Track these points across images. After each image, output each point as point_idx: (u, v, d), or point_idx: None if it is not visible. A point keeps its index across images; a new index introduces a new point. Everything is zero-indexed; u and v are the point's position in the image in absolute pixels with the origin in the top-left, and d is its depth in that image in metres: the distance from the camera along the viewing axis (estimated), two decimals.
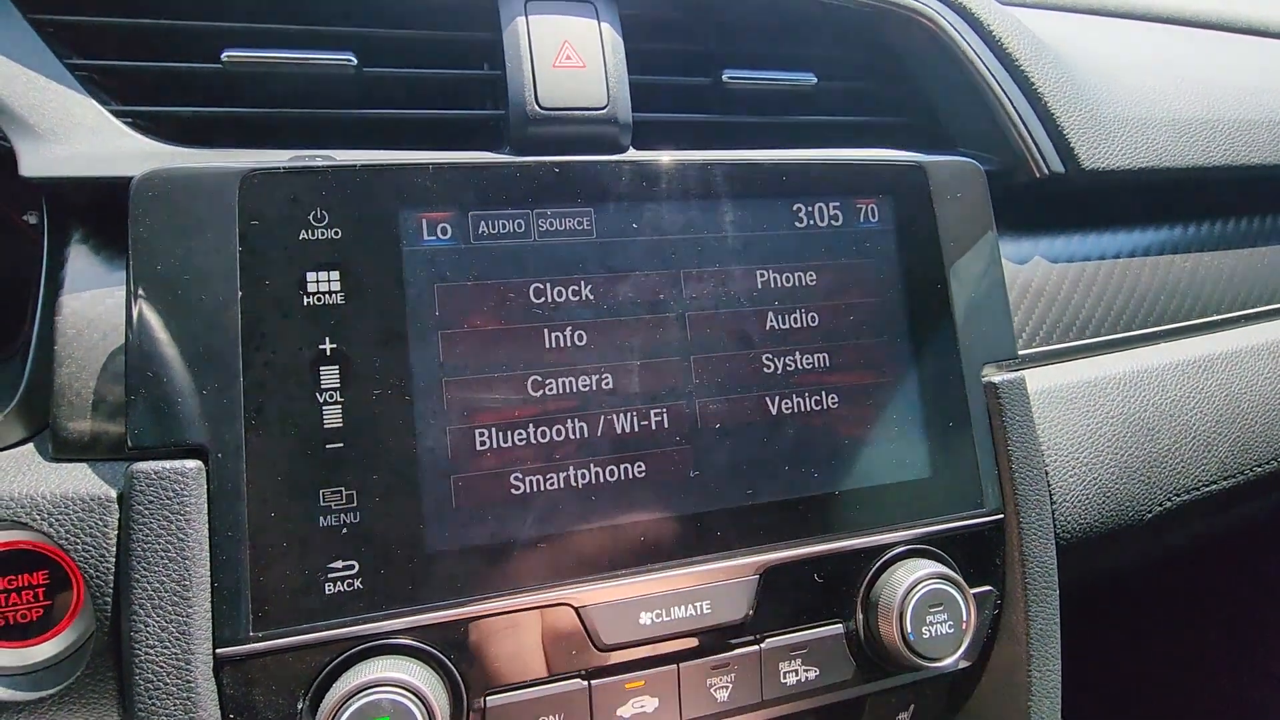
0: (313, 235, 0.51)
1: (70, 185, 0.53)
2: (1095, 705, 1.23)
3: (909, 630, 0.57)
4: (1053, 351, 0.74)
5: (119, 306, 0.54)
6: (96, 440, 0.52)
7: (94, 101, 0.56)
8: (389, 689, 0.46)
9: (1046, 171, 0.73)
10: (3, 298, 0.65)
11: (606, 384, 0.55)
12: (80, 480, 0.49)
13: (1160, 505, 0.72)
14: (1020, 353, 0.69)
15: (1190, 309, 0.80)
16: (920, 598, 0.57)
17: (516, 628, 0.51)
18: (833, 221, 0.62)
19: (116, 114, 0.56)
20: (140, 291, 0.48)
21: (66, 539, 0.48)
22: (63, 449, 0.51)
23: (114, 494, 0.49)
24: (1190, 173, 0.79)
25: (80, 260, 0.55)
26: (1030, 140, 0.72)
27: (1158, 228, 0.82)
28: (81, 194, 0.54)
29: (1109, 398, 0.71)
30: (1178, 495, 0.72)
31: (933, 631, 0.57)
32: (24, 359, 0.55)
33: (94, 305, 0.53)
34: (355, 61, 0.61)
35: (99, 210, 0.55)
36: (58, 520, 0.48)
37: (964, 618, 0.58)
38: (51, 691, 0.49)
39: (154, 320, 0.48)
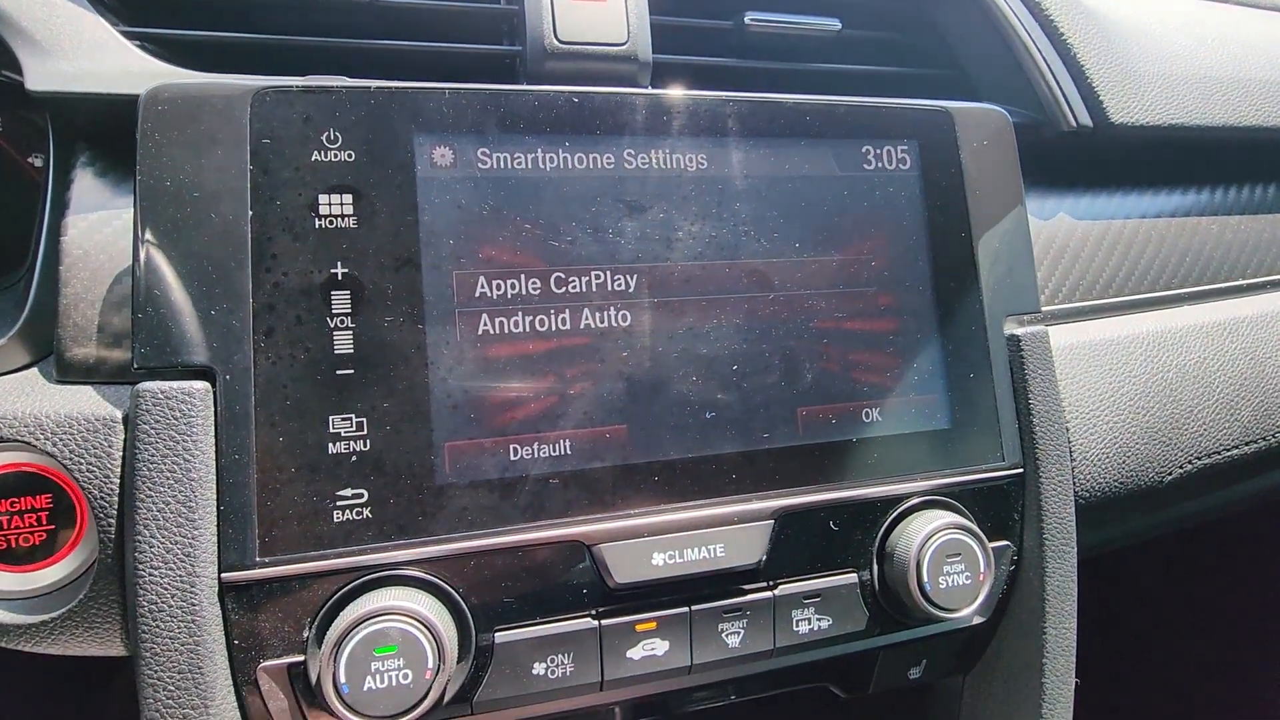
0: (325, 157, 0.50)
1: (76, 102, 0.52)
2: (1108, 679, 1.23)
3: (925, 580, 0.56)
4: (1075, 309, 0.72)
5: (125, 229, 0.52)
6: (101, 364, 0.51)
7: (103, 20, 0.54)
8: (397, 618, 0.45)
9: (1074, 125, 0.71)
10: (11, 229, 0.64)
11: (623, 320, 0.54)
12: (85, 401, 0.48)
13: (1180, 468, 0.70)
14: (1042, 309, 0.67)
15: (1215, 272, 0.79)
16: (937, 547, 0.56)
17: (527, 563, 0.50)
18: (856, 164, 0.61)
19: (126, 35, 0.55)
20: (148, 208, 0.47)
21: (70, 459, 0.47)
22: (67, 372, 0.50)
23: (119, 415, 0.47)
24: (1219, 132, 0.78)
25: (85, 182, 0.54)
26: (1059, 92, 0.71)
27: (1184, 190, 0.81)
28: (87, 113, 0.53)
29: (1132, 357, 0.70)
30: (1199, 458, 0.71)
31: (949, 582, 0.56)
32: (28, 283, 0.54)
33: (100, 228, 0.52)
34: None
35: (105, 132, 0.53)
36: (61, 440, 0.47)
37: (981, 569, 0.57)
38: (54, 615, 0.48)
39: (161, 238, 0.47)
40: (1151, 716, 1.16)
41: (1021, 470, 0.62)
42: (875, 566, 0.58)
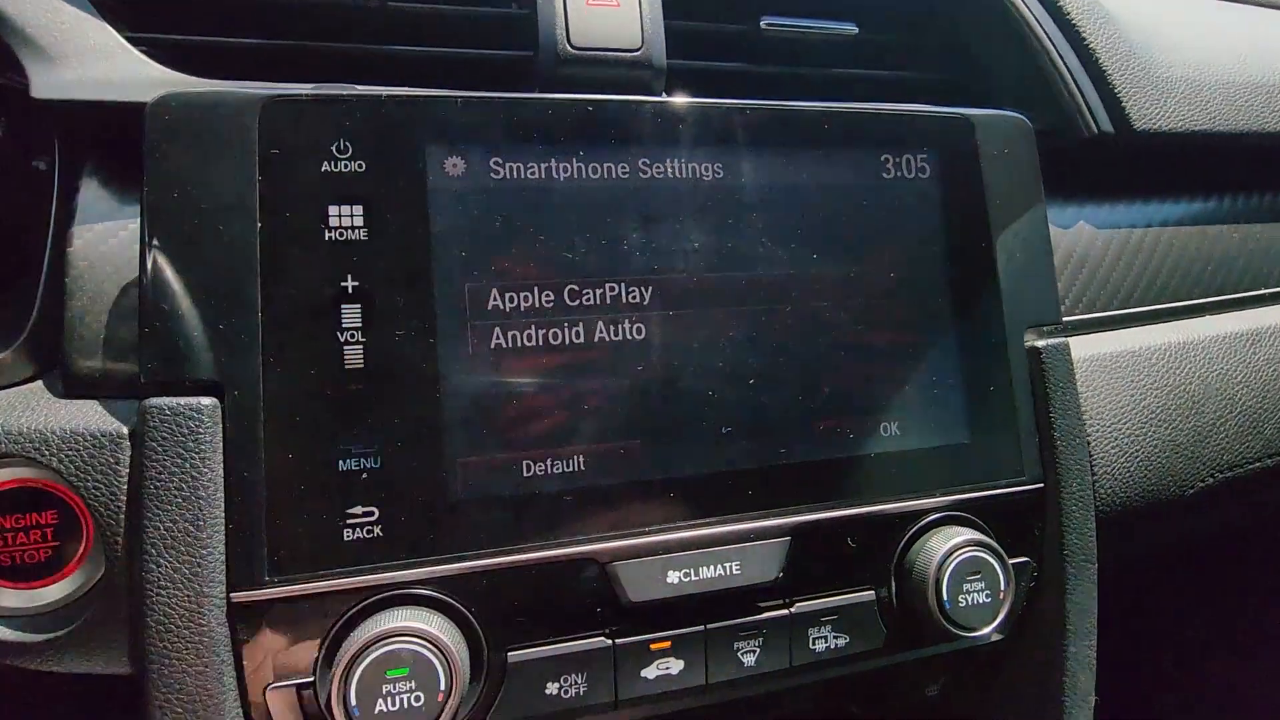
0: (335, 167, 0.49)
1: (83, 110, 0.51)
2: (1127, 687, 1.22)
3: (945, 598, 0.55)
4: (1096, 320, 0.71)
5: (132, 240, 0.51)
6: (108, 377, 0.50)
7: (109, 27, 0.53)
8: (409, 639, 0.44)
9: (1096, 131, 0.70)
10: (15, 236, 0.63)
11: (637, 333, 0.53)
12: (91, 416, 0.47)
13: (1203, 481, 0.69)
14: (1063, 319, 0.66)
15: (1238, 281, 0.77)
16: (957, 565, 0.55)
17: (540, 581, 0.49)
18: (874, 174, 0.60)
19: (132, 41, 0.54)
20: (154, 219, 0.46)
21: (76, 476, 0.46)
22: (73, 386, 0.49)
23: (126, 431, 0.47)
24: (1243, 139, 0.76)
25: (92, 192, 0.53)
26: (1080, 98, 0.69)
27: (1206, 198, 0.79)
28: (94, 121, 0.52)
29: (1154, 368, 0.68)
30: (1221, 471, 0.70)
31: (969, 600, 0.55)
32: (34, 294, 0.53)
33: (106, 238, 0.51)
34: None
35: (112, 141, 0.52)
36: (67, 456, 0.46)
37: (1001, 587, 0.56)
38: (59, 633, 0.47)
39: (168, 250, 0.46)
40: None
41: (1042, 485, 0.61)
42: (893, 583, 0.57)
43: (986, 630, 0.56)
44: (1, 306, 0.57)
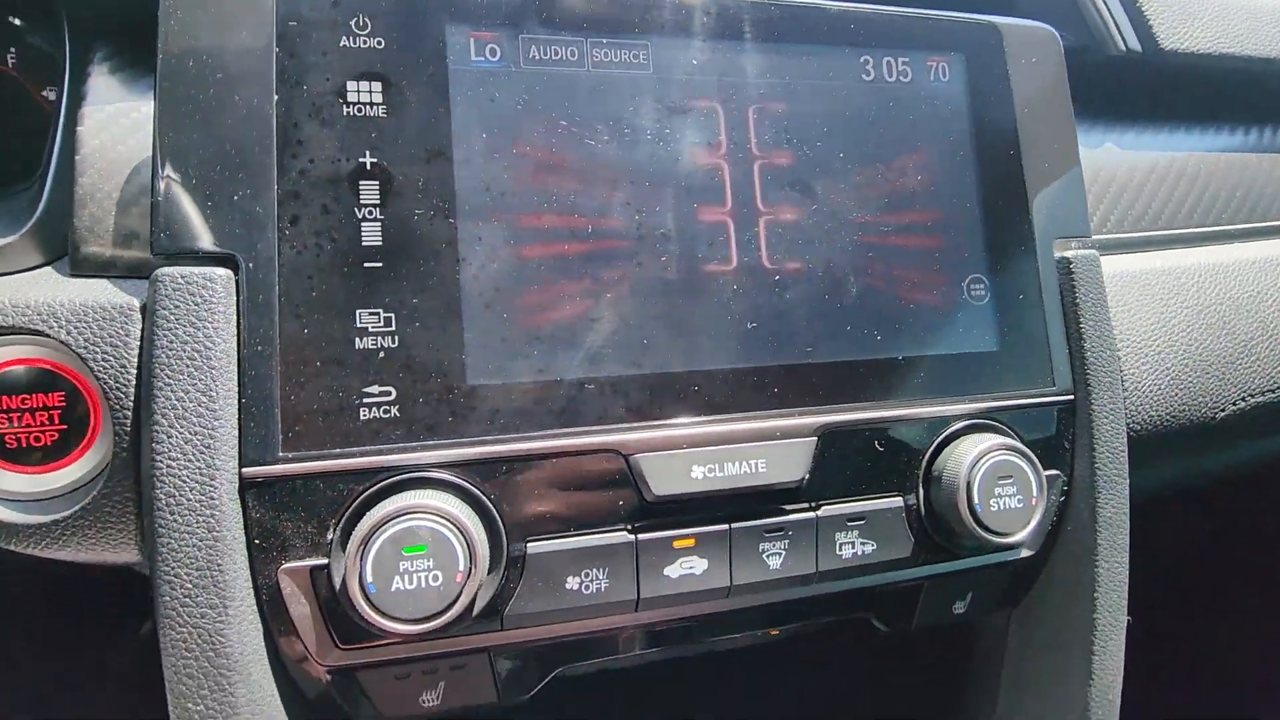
0: (354, 43, 0.47)
1: None
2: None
3: (976, 502, 0.53)
4: (1121, 240, 0.70)
5: (142, 122, 0.50)
6: (117, 260, 0.48)
7: None
8: (427, 516, 0.43)
9: (1124, 49, 0.68)
10: (24, 157, 0.62)
11: (660, 223, 0.51)
12: (101, 292, 0.46)
13: (1234, 404, 0.68)
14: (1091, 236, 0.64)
15: (1266, 210, 0.76)
16: (989, 468, 0.53)
17: (561, 471, 0.48)
18: (901, 76, 0.58)
19: None
20: (169, 89, 0.45)
21: (85, 348, 0.44)
22: (81, 267, 0.48)
23: (137, 303, 0.45)
24: (1270, 64, 0.75)
25: (102, 77, 0.52)
26: (1109, 16, 0.68)
27: (1233, 127, 0.78)
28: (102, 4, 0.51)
29: (1184, 287, 0.67)
30: (1253, 395, 0.68)
31: (1001, 505, 0.54)
32: (43, 183, 0.52)
33: (117, 119, 0.50)
34: None
35: (121, 24, 0.51)
36: (76, 329, 0.45)
37: (1034, 492, 0.54)
38: (66, 514, 0.46)
39: (182, 120, 0.45)
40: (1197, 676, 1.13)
41: (1072, 396, 0.59)
42: (921, 491, 0.55)
43: (1019, 536, 0.54)
44: (11, 199, 0.56)
